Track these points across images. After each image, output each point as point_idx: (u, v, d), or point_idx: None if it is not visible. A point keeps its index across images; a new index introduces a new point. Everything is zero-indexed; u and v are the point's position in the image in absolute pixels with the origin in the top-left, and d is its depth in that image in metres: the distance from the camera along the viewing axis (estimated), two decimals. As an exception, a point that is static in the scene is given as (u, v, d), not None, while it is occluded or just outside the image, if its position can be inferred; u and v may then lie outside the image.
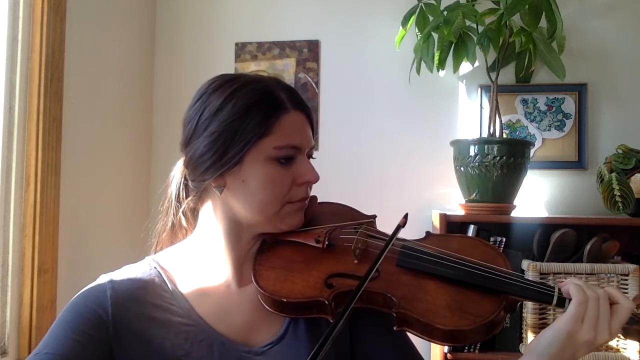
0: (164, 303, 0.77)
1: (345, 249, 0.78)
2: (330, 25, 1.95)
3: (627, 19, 1.82)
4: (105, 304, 0.75)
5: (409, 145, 1.90)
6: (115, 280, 0.78)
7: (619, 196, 1.53)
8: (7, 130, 1.36)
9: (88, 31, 1.63)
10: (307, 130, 0.79)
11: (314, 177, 0.78)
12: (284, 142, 0.75)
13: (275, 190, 0.76)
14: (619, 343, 1.42)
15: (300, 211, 0.80)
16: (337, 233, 0.81)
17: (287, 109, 0.76)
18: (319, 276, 0.75)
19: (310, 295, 0.73)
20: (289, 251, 0.79)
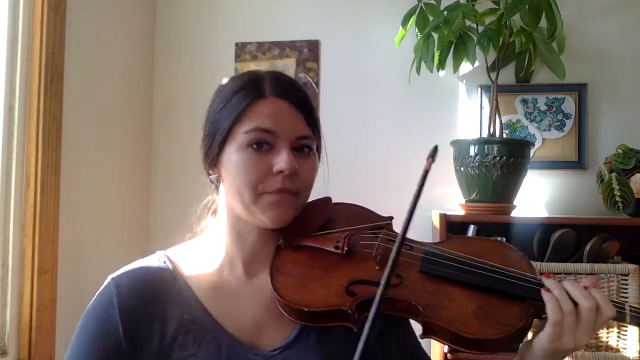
0: (174, 299, 0.75)
1: (365, 255, 0.76)
2: (330, 25, 1.95)
3: (627, 19, 1.82)
4: (114, 316, 0.73)
5: (409, 145, 1.89)
6: (121, 283, 0.76)
7: (619, 196, 1.53)
8: (7, 130, 1.36)
9: (88, 31, 1.63)
10: (287, 117, 0.75)
11: (286, 166, 0.72)
12: (252, 126, 0.73)
13: (246, 177, 0.73)
14: (619, 343, 1.42)
15: (282, 205, 0.74)
16: (356, 238, 0.78)
17: (263, 96, 0.75)
18: (339, 284, 0.73)
19: (333, 304, 0.71)
20: (307, 257, 0.77)
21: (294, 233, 0.79)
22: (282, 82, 0.77)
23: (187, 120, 1.99)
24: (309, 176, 0.77)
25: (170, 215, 1.98)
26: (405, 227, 0.68)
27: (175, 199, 1.98)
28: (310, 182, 0.78)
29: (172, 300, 0.75)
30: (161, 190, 2.01)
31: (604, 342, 1.43)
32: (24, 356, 1.36)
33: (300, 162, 0.74)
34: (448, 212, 1.61)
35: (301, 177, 0.75)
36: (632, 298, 1.41)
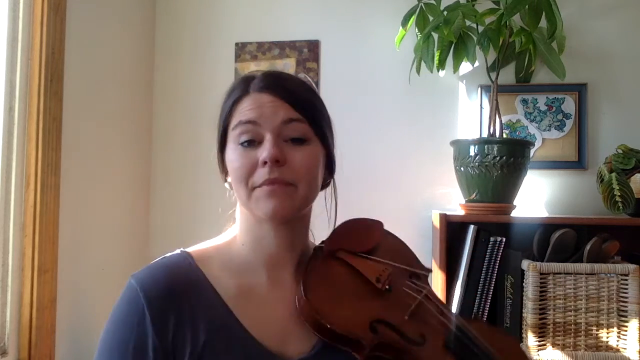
0: (202, 304, 0.73)
1: (400, 300, 0.75)
2: (330, 25, 1.95)
3: (627, 19, 1.82)
4: (147, 326, 0.70)
5: (409, 145, 1.90)
6: (149, 289, 0.72)
7: (619, 196, 1.53)
8: (7, 130, 1.36)
9: (88, 31, 1.63)
10: (268, 106, 0.74)
11: (267, 153, 0.71)
12: (236, 122, 0.75)
13: (237, 173, 0.74)
14: (619, 343, 1.42)
15: (273, 196, 0.72)
16: (397, 279, 0.77)
17: (247, 93, 0.76)
18: (366, 315, 0.72)
19: (355, 332, 0.69)
20: (345, 274, 0.76)
21: (340, 244, 0.78)
22: (270, 78, 0.77)
23: (187, 120, 2.00)
24: (304, 165, 0.74)
25: (170, 215, 1.98)
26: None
27: (175, 198, 1.98)
28: (307, 172, 0.74)
29: (200, 305, 0.73)
30: (161, 190, 2.01)
31: (604, 342, 1.43)
32: (24, 356, 1.36)
33: (292, 151, 0.73)
34: (448, 212, 1.61)
35: (293, 166, 0.73)
36: (632, 298, 1.41)
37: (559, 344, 1.44)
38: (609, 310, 1.43)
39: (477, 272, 1.54)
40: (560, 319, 1.45)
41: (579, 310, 1.44)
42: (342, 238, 0.80)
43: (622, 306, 1.43)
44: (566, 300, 1.44)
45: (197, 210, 1.93)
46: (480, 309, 1.53)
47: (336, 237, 0.81)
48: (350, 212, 1.79)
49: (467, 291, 1.54)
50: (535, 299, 1.44)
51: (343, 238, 0.80)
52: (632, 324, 1.41)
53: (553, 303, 1.45)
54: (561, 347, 1.44)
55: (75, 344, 1.54)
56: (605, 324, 1.43)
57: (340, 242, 0.80)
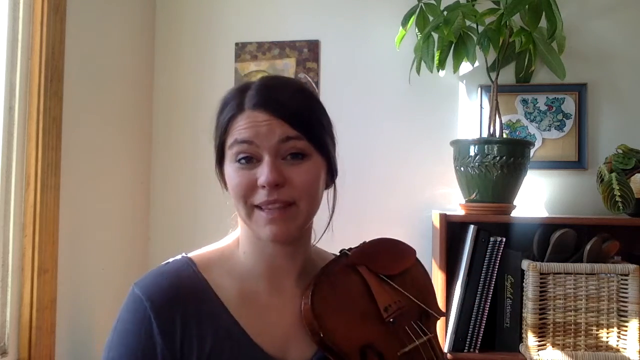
0: (207, 312, 0.73)
1: (400, 335, 0.75)
2: (330, 25, 1.95)
3: (627, 19, 1.82)
4: (156, 337, 0.70)
5: (409, 145, 1.90)
6: (155, 299, 0.72)
7: (619, 196, 1.53)
8: (7, 130, 1.36)
9: (88, 31, 1.63)
10: (264, 126, 0.72)
11: (265, 178, 0.70)
12: (232, 140, 0.74)
13: (236, 192, 0.73)
14: (619, 343, 1.42)
15: (276, 220, 0.71)
16: (407, 313, 0.77)
17: (241, 110, 0.74)
18: (362, 337, 0.72)
19: (343, 349, 0.70)
20: (358, 291, 0.76)
21: (365, 259, 0.78)
22: (265, 92, 0.75)
23: (187, 120, 2.00)
24: (304, 182, 0.73)
25: (170, 215, 1.98)
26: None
27: (175, 199, 1.98)
28: (307, 189, 0.73)
29: (205, 312, 0.73)
30: (161, 190, 2.01)
31: (604, 342, 1.43)
32: (24, 356, 1.36)
33: (291, 170, 0.72)
34: (448, 212, 1.61)
35: (294, 185, 0.72)
36: (632, 298, 1.41)
37: (559, 344, 1.44)
38: (609, 310, 1.43)
39: (477, 272, 1.54)
40: (560, 319, 1.45)
41: (579, 310, 1.44)
42: (370, 254, 0.80)
43: (622, 306, 1.43)
44: (566, 300, 1.44)
45: (197, 210, 1.93)
46: (480, 309, 1.53)
47: (365, 251, 0.81)
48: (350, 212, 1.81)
49: (467, 291, 1.54)
50: (535, 299, 1.44)
51: (371, 255, 0.80)
52: (632, 324, 1.41)
53: (553, 303, 1.45)
54: (561, 347, 1.44)
55: (75, 344, 1.54)
56: (605, 324, 1.43)
57: (367, 257, 0.79)
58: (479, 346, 1.53)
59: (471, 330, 1.53)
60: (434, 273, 1.63)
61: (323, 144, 0.77)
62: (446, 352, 1.54)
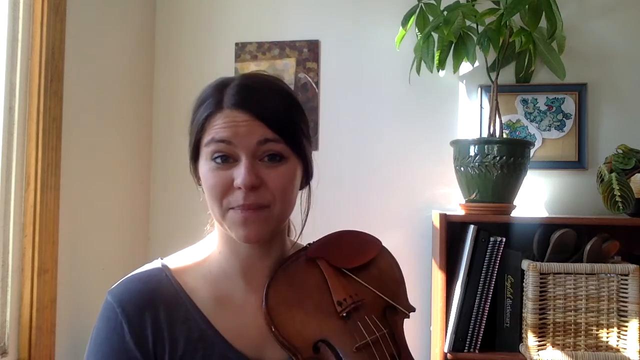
0: (180, 316, 0.74)
1: (357, 330, 0.73)
2: (330, 25, 1.95)
3: (627, 19, 1.82)
4: (129, 344, 0.71)
5: (409, 145, 1.90)
6: (126, 306, 0.73)
7: (619, 196, 1.53)
8: (7, 130, 1.36)
9: (88, 31, 1.63)
10: (243, 126, 0.71)
11: (242, 181, 0.69)
12: (209, 138, 0.72)
13: (212, 192, 0.72)
14: (619, 343, 1.42)
15: (249, 222, 0.71)
16: (364, 309, 0.74)
17: (220, 108, 0.73)
18: (316, 332, 0.71)
19: (294, 343, 0.70)
20: (315, 285, 0.75)
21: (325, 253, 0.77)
22: (245, 92, 0.74)
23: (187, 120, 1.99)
24: (280, 185, 0.72)
25: (170, 215, 1.98)
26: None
27: (175, 198, 1.98)
28: (282, 192, 0.73)
29: (178, 319, 0.74)
30: (161, 190, 2.01)
31: (604, 342, 1.43)
32: (24, 356, 1.36)
33: (268, 172, 0.72)
34: (448, 212, 1.61)
35: (269, 187, 0.71)
36: (632, 298, 1.41)
37: (559, 344, 1.44)
38: (609, 310, 1.43)
39: (477, 272, 1.54)
40: (560, 319, 1.45)
41: (579, 310, 1.44)
42: (330, 247, 0.78)
43: (622, 306, 1.43)
44: (566, 300, 1.44)
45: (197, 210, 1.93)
46: (480, 309, 1.53)
47: (325, 244, 0.79)
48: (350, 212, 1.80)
49: (467, 291, 1.54)
50: (535, 299, 1.44)
51: (332, 247, 0.78)
52: (632, 324, 1.41)
53: (553, 303, 1.45)
54: (561, 347, 1.44)
55: (75, 344, 1.54)
56: (605, 324, 1.43)
57: (327, 250, 0.78)
58: (479, 346, 1.53)
59: (471, 330, 1.53)
60: (434, 273, 1.63)
61: (300, 147, 0.76)
62: (446, 352, 1.54)
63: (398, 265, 0.84)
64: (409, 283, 0.84)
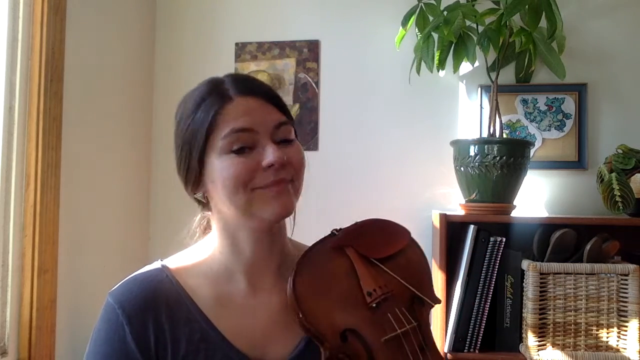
0: (182, 318, 0.74)
1: (386, 321, 0.72)
2: (330, 25, 1.95)
3: (627, 19, 1.82)
4: (131, 345, 0.71)
5: (409, 145, 1.90)
6: (127, 307, 0.73)
7: (619, 196, 1.53)
8: (7, 130, 1.36)
9: (88, 31, 1.63)
10: (259, 111, 0.73)
11: (275, 158, 0.70)
12: (227, 130, 0.72)
13: (235, 181, 0.71)
14: (619, 343, 1.42)
15: (280, 195, 0.72)
16: (395, 298, 0.74)
17: (229, 98, 0.74)
18: (344, 321, 0.71)
19: (323, 332, 0.69)
20: (344, 273, 0.74)
21: (354, 241, 0.76)
22: (243, 81, 0.77)
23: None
24: (300, 161, 0.76)
25: (170, 215, 1.98)
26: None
27: (175, 199, 1.98)
28: (301, 167, 0.76)
29: (180, 319, 0.74)
30: (161, 190, 2.01)
31: (604, 342, 1.43)
32: (24, 356, 1.36)
33: (287, 150, 0.74)
34: (448, 212, 1.61)
35: (292, 164, 0.74)
36: (632, 298, 1.41)
37: (559, 344, 1.44)
38: (609, 310, 1.43)
39: (477, 272, 1.54)
40: (560, 319, 1.45)
41: (579, 310, 1.44)
42: (359, 235, 0.77)
43: (622, 306, 1.43)
44: (566, 300, 1.44)
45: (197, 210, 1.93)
46: (480, 309, 1.53)
47: (354, 231, 0.78)
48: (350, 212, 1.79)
49: (467, 291, 1.54)
50: (535, 299, 1.44)
51: (361, 236, 0.77)
52: (632, 324, 1.41)
53: (553, 303, 1.45)
54: (561, 347, 1.44)
55: (75, 344, 1.54)
56: (605, 324, 1.43)
57: (356, 238, 0.77)
58: (479, 346, 1.53)
59: (471, 330, 1.53)
60: (434, 273, 1.63)
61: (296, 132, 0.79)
62: (446, 352, 1.54)
63: (425, 257, 0.83)
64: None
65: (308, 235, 0.86)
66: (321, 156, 1.91)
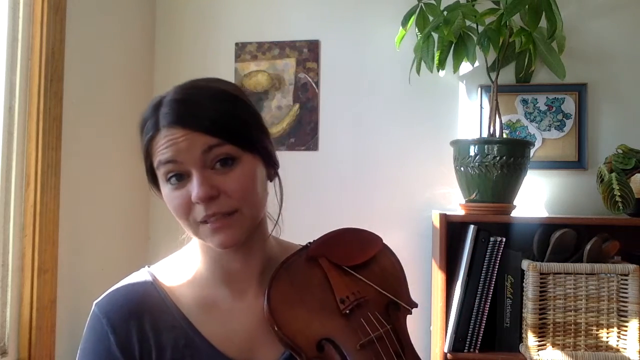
0: (166, 325, 0.74)
1: (360, 327, 0.73)
2: (330, 25, 1.95)
3: (627, 19, 1.82)
4: (116, 355, 0.72)
5: (409, 145, 1.90)
6: (112, 317, 0.74)
7: (619, 196, 1.53)
8: (7, 130, 1.36)
9: (88, 31, 1.63)
10: (183, 142, 0.69)
11: (195, 194, 0.68)
12: (156, 162, 0.73)
13: (175, 212, 0.73)
14: (619, 343, 1.42)
15: (220, 231, 0.70)
16: (369, 304, 0.75)
17: (157, 130, 0.73)
18: (319, 331, 0.71)
19: (298, 343, 0.70)
20: (317, 283, 0.75)
21: (326, 251, 0.77)
22: (177, 106, 0.72)
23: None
24: (239, 188, 0.70)
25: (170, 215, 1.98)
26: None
27: (175, 199, 1.98)
28: (245, 194, 0.71)
29: (164, 327, 0.74)
30: (161, 190, 2.01)
31: (604, 342, 1.43)
32: (24, 356, 1.36)
33: (223, 179, 0.70)
34: (448, 212, 1.61)
35: (229, 194, 0.69)
36: (632, 298, 1.41)
37: (559, 344, 1.44)
38: (609, 310, 1.43)
39: (477, 272, 1.54)
40: (560, 319, 1.45)
41: (579, 310, 1.44)
42: (331, 245, 0.78)
43: (622, 306, 1.43)
44: (566, 300, 1.44)
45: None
46: (480, 309, 1.53)
47: (326, 242, 0.79)
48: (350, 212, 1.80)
49: (467, 291, 1.54)
50: (535, 299, 1.44)
51: (332, 245, 0.78)
52: (632, 324, 1.41)
53: (553, 303, 1.45)
54: (561, 347, 1.44)
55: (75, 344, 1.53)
56: (605, 324, 1.43)
57: (328, 248, 0.78)
58: (479, 346, 1.53)
59: (471, 330, 1.53)
60: (434, 273, 1.63)
61: (251, 142, 0.73)
62: (446, 352, 1.54)
63: (399, 262, 0.83)
64: (409, 283, 0.84)
65: (308, 234, 0.86)
66: (321, 156, 1.91)
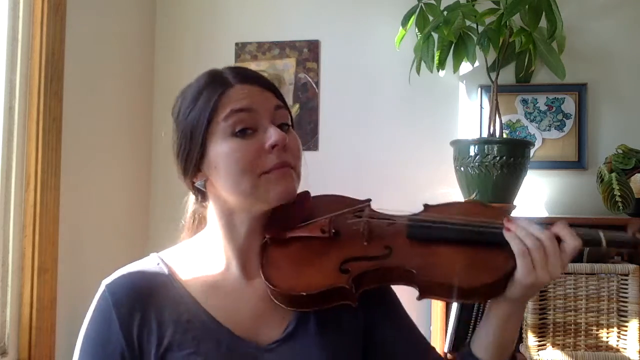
0: (171, 303, 0.76)
1: (352, 234, 0.79)
2: (330, 25, 1.95)
3: (627, 19, 1.82)
4: (115, 327, 0.74)
5: (409, 145, 1.90)
6: (117, 291, 0.76)
7: (619, 196, 1.53)
8: (7, 130, 1.36)
9: (88, 31, 1.63)
10: (258, 95, 0.76)
11: (277, 137, 0.72)
12: (228, 111, 0.74)
13: (240, 164, 0.73)
14: (619, 343, 1.42)
15: (284, 178, 0.74)
16: (341, 221, 0.80)
17: (230, 85, 0.76)
18: (332, 264, 0.75)
19: (329, 283, 0.72)
20: (295, 247, 0.78)
21: (279, 228, 0.80)
22: (244, 71, 0.79)
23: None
24: (298, 147, 0.78)
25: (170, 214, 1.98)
26: None
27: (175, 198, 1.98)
28: (300, 154, 0.78)
29: (169, 304, 0.75)
30: (161, 189, 2.01)
31: (604, 342, 1.43)
32: (24, 356, 1.36)
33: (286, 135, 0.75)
34: (448, 212, 1.61)
35: (291, 149, 0.76)
36: (632, 298, 1.41)
37: (559, 344, 1.44)
38: (609, 310, 1.43)
39: (477, 272, 1.54)
40: (560, 319, 1.45)
41: (579, 310, 1.44)
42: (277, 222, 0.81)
43: (622, 306, 1.43)
44: (566, 300, 1.44)
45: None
46: (480, 309, 1.53)
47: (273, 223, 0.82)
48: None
49: (467, 291, 1.55)
50: (535, 299, 1.44)
51: (278, 222, 0.81)
52: (632, 324, 1.41)
53: (553, 303, 1.45)
54: (561, 347, 1.44)
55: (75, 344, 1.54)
56: (605, 324, 1.43)
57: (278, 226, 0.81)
58: (479, 346, 1.53)
59: (471, 330, 1.53)
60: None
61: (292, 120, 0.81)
62: (446, 352, 1.55)
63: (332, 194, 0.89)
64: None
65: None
66: (321, 156, 1.91)
